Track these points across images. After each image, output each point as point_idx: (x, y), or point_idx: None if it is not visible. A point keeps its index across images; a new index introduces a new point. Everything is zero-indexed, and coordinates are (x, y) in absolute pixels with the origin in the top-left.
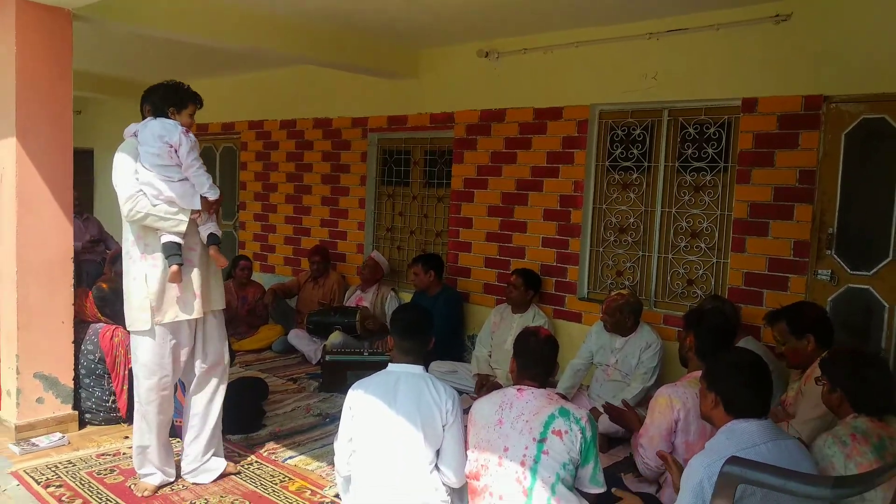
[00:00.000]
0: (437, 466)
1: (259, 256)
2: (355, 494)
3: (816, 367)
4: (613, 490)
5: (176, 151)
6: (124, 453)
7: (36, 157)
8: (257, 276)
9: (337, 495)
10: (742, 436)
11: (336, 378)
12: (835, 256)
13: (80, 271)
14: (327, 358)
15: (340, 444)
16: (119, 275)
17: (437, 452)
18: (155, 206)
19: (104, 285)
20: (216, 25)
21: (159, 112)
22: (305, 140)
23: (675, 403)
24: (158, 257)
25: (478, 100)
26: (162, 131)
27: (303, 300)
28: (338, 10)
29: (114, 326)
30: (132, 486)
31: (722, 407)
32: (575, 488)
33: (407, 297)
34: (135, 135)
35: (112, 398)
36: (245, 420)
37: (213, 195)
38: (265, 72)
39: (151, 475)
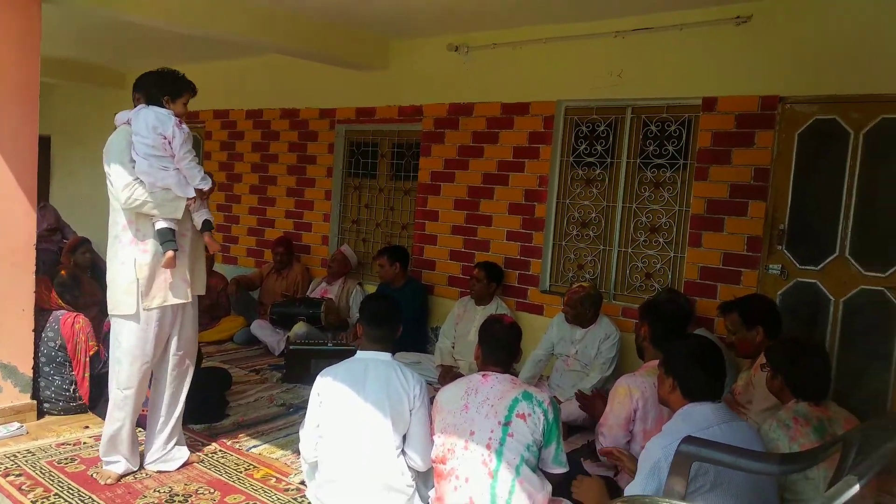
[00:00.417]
0: (403, 451)
1: (221, 247)
2: (322, 480)
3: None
4: (575, 480)
5: (170, 143)
6: (84, 443)
7: (1, 143)
8: (219, 267)
9: (302, 482)
10: (697, 418)
11: (300, 368)
12: (785, 252)
13: (38, 260)
14: (291, 348)
15: (307, 431)
16: (77, 264)
17: (404, 437)
18: (153, 193)
19: (63, 272)
20: (183, 11)
21: (153, 100)
22: (272, 130)
23: (634, 393)
24: (150, 243)
25: (446, 93)
26: (156, 122)
27: (266, 291)
28: None
29: (74, 314)
30: (94, 475)
31: (679, 391)
32: (538, 469)
33: (372, 289)
34: (128, 122)
35: (73, 386)
36: (208, 410)
37: (206, 186)
38: (232, 60)
39: (116, 463)
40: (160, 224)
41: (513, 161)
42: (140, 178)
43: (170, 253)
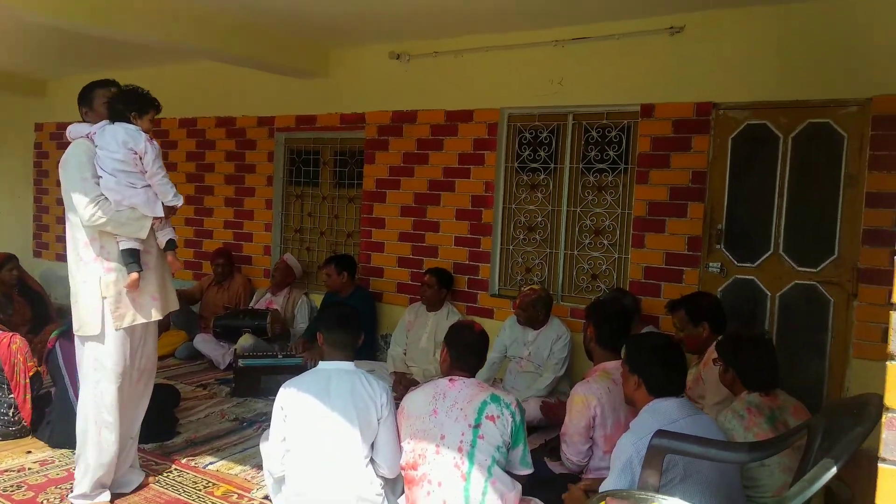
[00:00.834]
0: (371, 460)
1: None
2: (290, 493)
3: (713, 351)
4: (564, 495)
5: (141, 159)
6: (29, 468)
7: None
8: None
9: (266, 497)
10: (663, 413)
11: (249, 382)
12: (724, 250)
13: None
14: (240, 363)
15: (273, 445)
16: (4, 281)
17: (372, 446)
18: (118, 211)
19: None
20: (112, 14)
21: (118, 116)
22: (207, 139)
23: (591, 400)
24: (114, 262)
25: (389, 101)
26: (126, 137)
27: (206, 304)
28: (244, 2)
29: (10, 333)
30: (44, 503)
31: (644, 388)
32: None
33: (318, 298)
34: (88, 137)
35: (13, 410)
36: (158, 428)
37: (178, 202)
38: (164, 67)
39: (103, 492)
40: (124, 244)
41: (458, 167)
42: (106, 196)
43: (134, 275)
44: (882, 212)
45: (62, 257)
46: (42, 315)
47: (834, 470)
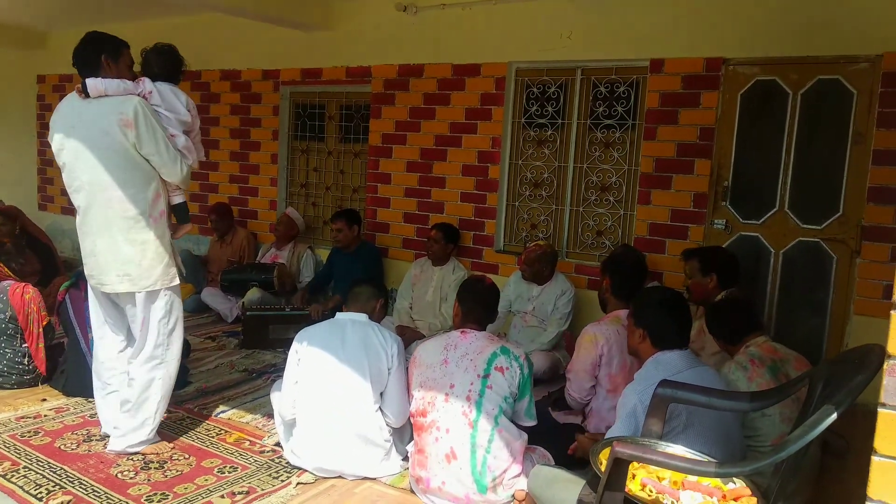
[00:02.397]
0: (380, 408)
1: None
2: (300, 435)
3: None
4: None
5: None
6: (45, 415)
7: None
8: None
9: (277, 444)
10: (667, 364)
11: (257, 334)
12: (729, 207)
13: None
14: (248, 313)
15: (286, 388)
16: (13, 232)
17: (381, 395)
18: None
19: (6, 241)
20: None
21: (171, 78)
22: (212, 92)
23: (599, 339)
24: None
25: (396, 54)
26: (186, 99)
27: (212, 259)
28: None
29: (23, 284)
30: (61, 447)
31: (649, 340)
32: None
33: (324, 253)
34: (142, 95)
35: (27, 358)
36: None
37: (203, 158)
38: (167, 19)
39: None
40: (180, 198)
41: (465, 123)
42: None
43: (188, 226)
44: (889, 169)
45: (68, 211)
46: (51, 267)
47: (835, 416)
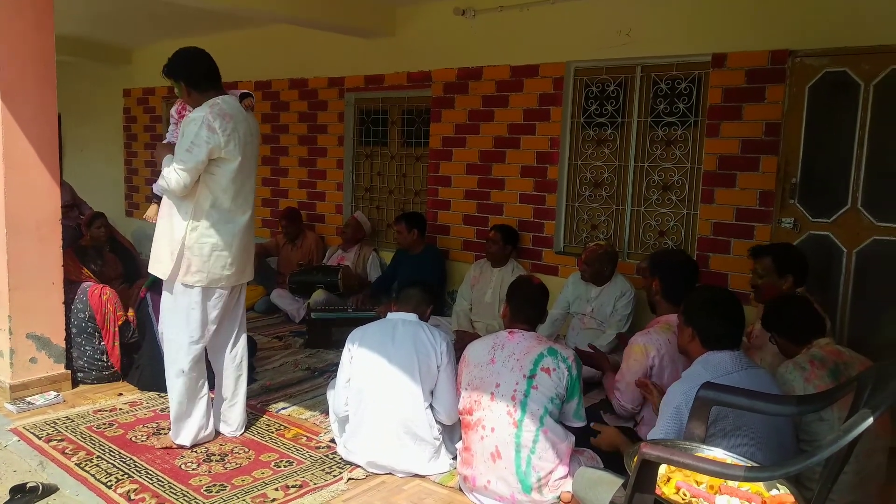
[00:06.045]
0: (430, 405)
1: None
2: (353, 431)
3: None
4: (592, 424)
5: None
6: (120, 409)
7: (21, 119)
8: None
9: (332, 440)
10: (716, 365)
11: (321, 335)
12: (798, 205)
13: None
14: (312, 315)
15: (339, 386)
16: (93, 237)
17: (432, 393)
18: None
19: (87, 245)
20: None
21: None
22: (281, 101)
23: (650, 350)
24: None
25: (455, 58)
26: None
27: (282, 261)
28: None
29: (101, 285)
30: (132, 439)
31: (698, 340)
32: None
33: (388, 256)
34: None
35: (104, 356)
36: None
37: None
38: (239, 31)
39: None
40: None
41: (524, 124)
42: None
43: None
44: None
45: None
46: (133, 270)
47: (871, 420)
